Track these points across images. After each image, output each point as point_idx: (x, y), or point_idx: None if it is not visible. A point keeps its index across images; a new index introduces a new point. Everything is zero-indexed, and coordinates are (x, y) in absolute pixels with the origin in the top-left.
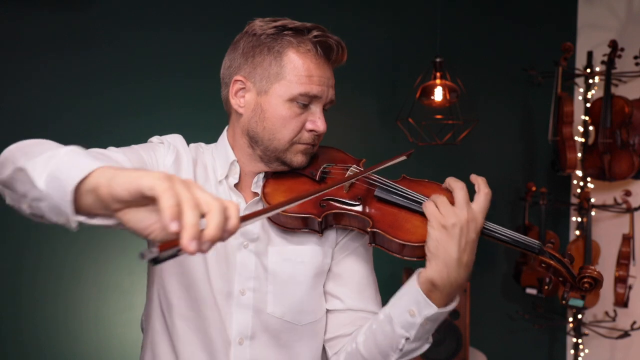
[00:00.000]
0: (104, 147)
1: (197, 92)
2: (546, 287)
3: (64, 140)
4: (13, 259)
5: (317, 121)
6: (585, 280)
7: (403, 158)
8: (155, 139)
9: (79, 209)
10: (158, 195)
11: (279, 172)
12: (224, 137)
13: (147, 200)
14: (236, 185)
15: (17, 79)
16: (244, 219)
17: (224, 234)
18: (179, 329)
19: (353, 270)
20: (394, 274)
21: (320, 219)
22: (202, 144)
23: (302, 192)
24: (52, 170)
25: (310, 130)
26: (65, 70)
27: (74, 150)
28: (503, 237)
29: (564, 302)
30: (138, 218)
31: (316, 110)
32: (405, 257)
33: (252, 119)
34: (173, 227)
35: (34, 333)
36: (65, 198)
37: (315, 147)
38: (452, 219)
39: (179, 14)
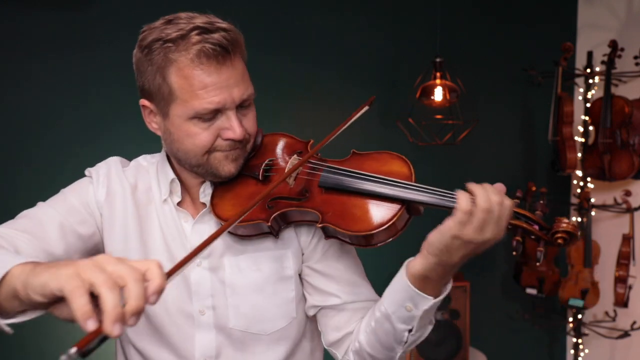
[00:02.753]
0: (103, 147)
1: None
2: (514, 252)
3: (65, 139)
4: None
5: (231, 129)
6: (559, 235)
7: (366, 108)
8: (87, 172)
9: (8, 312)
10: (68, 298)
11: None
12: (163, 152)
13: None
14: (180, 203)
15: (17, 79)
16: (171, 273)
17: (150, 300)
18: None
19: (339, 267)
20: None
21: (269, 223)
22: (148, 157)
23: (248, 195)
24: None
25: (227, 139)
26: (65, 70)
27: None
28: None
29: (563, 304)
30: (68, 311)
31: (227, 116)
32: (366, 247)
33: (166, 141)
34: (90, 326)
35: (34, 333)
36: None
37: (245, 149)
38: (472, 236)
39: None
